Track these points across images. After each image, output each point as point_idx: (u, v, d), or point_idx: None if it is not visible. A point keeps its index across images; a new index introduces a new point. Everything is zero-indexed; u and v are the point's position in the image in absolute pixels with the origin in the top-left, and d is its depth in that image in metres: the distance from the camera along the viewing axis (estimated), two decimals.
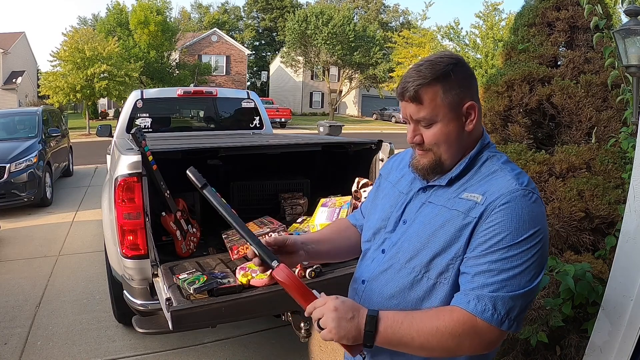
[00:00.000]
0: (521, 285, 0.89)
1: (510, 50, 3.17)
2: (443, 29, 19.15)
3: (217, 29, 34.30)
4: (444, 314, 0.91)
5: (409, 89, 0.96)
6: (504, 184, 0.94)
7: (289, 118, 23.94)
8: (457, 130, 0.98)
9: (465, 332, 0.89)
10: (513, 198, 0.91)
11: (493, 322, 0.88)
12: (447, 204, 0.99)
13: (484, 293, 0.89)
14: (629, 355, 1.56)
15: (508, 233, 0.89)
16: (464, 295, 0.91)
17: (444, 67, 0.96)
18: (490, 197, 0.93)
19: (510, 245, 0.89)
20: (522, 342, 2.03)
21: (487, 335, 0.90)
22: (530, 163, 2.50)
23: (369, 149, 2.97)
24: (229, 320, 2.11)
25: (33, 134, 7.18)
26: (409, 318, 0.92)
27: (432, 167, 1.01)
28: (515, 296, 0.88)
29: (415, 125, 1.00)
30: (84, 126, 20.47)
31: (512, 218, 0.90)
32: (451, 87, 0.96)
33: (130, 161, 2.24)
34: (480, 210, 0.92)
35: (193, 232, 2.67)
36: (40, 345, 2.87)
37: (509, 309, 0.88)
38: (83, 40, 18.82)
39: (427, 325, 0.90)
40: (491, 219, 0.91)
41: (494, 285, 0.89)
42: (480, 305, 0.88)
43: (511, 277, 0.89)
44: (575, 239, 2.29)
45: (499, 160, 1.01)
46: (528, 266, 0.89)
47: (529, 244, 0.89)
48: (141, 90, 4.73)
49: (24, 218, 6.00)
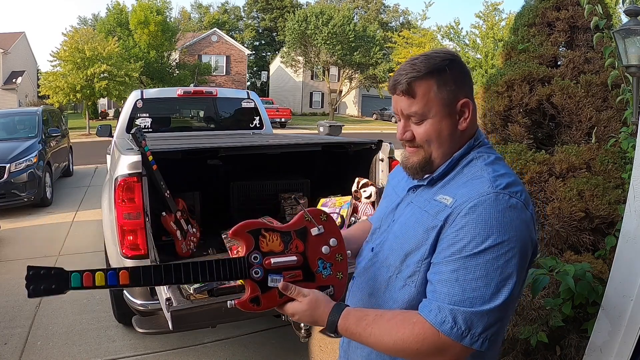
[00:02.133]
0: (485, 299, 0.81)
1: (510, 50, 3.17)
2: (443, 29, 19.18)
3: (217, 29, 34.29)
4: (407, 326, 0.86)
5: (402, 82, 0.92)
6: (477, 187, 0.87)
7: (289, 118, 23.94)
8: (449, 128, 0.94)
9: (429, 346, 0.84)
10: (481, 202, 0.84)
11: (452, 336, 0.81)
12: (421, 205, 0.97)
13: (444, 304, 0.83)
14: (629, 355, 1.56)
15: (470, 239, 0.82)
16: (427, 302, 0.87)
17: (439, 61, 0.92)
18: (459, 199, 0.87)
19: (474, 254, 0.82)
20: (522, 342, 2.03)
21: (448, 350, 0.83)
22: (530, 163, 2.50)
23: (369, 149, 2.97)
24: (229, 320, 2.11)
25: (33, 134, 7.18)
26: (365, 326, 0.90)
27: (421, 166, 0.97)
28: (478, 312, 0.81)
29: (406, 120, 0.96)
30: (84, 126, 20.47)
31: (477, 223, 0.82)
32: (446, 83, 0.92)
33: (130, 161, 2.24)
34: (446, 213, 0.87)
35: (193, 232, 2.67)
36: (40, 345, 2.87)
37: (470, 324, 0.81)
38: (83, 40, 18.82)
39: (382, 338, 0.88)
40: (455, 223, 0.85)
41: (455, 297, 0.82)
42: (440, 316, 0.82)
43: (473, 289, 0.81)
44: (575, 239, 2.29)
45: (484, 161, 0.94)
46: (492, 278, 0.81)
47: (495, 253, 0.81)
48: (141, 90, 4.74)
49: (24, 218, 6.00)
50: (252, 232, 0.95)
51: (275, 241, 0.96)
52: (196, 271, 0.93)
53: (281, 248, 0.96)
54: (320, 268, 0.97)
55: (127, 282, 0.90)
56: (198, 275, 0.93)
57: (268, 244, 0.96)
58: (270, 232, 0.96)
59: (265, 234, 0.96)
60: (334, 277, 0.98)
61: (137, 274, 0.90)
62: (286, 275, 0.95)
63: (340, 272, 0.99)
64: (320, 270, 0.97)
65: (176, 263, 0.93)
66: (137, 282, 0.91)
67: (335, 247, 0.99)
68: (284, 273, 0.95)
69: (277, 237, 0.96)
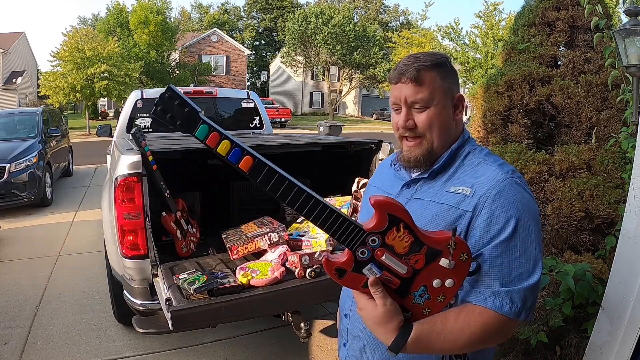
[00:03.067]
0: (529, 273, 0.90)
1: (510, 50, 3.17)
2: (443, 29, 19.14)
3: (217, 29, 34.29)
4: (473, 319, 0.89)
5: (410, 70, 0.97)
6: (490, 175, 0.95)
7: (289, 118, 23.94)
8: (448, 118, 1.01)
9: (494, 331, 0.90)
10: (502, 187, 0.92)
11: (512, 315, 0.89)
12: (434, 198, 0.99)
13: (498, 289, 0.89)
14: (629, 355, 1.56)
15: (504, 223, 0.90)
16: (478, 294, 0.91)
17: (440, 57, 1.01)
18: (480, 189, 0.94)
19: (509, 236, 0.90)
20: (522, 342, 2.03)
21: (507, 329, 0.92)
22: (530, 163, 2.50)
23: (369, 149, 2.97)
24: (229, 320, 2.11)
25: (33, 134, 7.18)
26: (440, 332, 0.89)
27: (424, 157, 1.01)
28: (528, 287, 0.89)
29: (408, 109, 1.00)
30: (84, 126, 20.47)
31: (505, 208, 0.90)
32: (446, 76, 1.00)
33: (130, 161, 2.24)
34: (472, 203, 0.93)
35: (193, 232, 2.67)
36: (40, 345, 2.87)
37: (524, 299, 0.89)
38: (83, 40, 18.82)
39: (459, 337, 0.89)
40: (485, 211, 0.91)
41: (505, 279, 0.89)
42: (499, 301, 0.89)
43: (518, 267, 0.89)
44: (575, 239, 2.29)
45: (480, 152, 1.03)
46: (530, 253, 0.90)
47: (525, 231, 0.90)
48: (141, 90, 4.73)
49: (24, 218, 5.99)
50: (391, 217, 0.86)
51: (404, 242, 0.87)
52: (315, 208, 0.86)
53: (403, 252, 0.87)
54: (417, 293, 0.89)
55: (246, 170, 0.86)
56: (313, 212, 0.86)
57: (395, 239, 0.87)
58: (407, 230, 0.86)
59: (402, 229, 0.86)
60: (420, 309, 0.91)
61: (259, 170, 0.86)
62: (384, 275, 0.88)
63: (429, 309, 0.90)
64: (416, 295, 0.90)
65: (302, 188, 0.86)
66: (254, 177, 0.86)
67: (446, 288, 0.88)
68: (384, 272, 0.88)
69: (409, 241, 0.87)
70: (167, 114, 0.84)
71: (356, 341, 1.11)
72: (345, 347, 1.16)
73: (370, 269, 0.88)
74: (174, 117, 0.84)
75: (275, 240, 2.38)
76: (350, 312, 1.13)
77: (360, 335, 1.09)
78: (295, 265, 2.21)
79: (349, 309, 1.14)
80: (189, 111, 0.85)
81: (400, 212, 0.86)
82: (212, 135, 0.85)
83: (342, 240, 0.87)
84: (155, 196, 2.49)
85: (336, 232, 0.87)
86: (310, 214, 0.87)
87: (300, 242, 2.49)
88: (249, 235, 2.43)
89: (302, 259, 2.20)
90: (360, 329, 1.09)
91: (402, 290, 0.90)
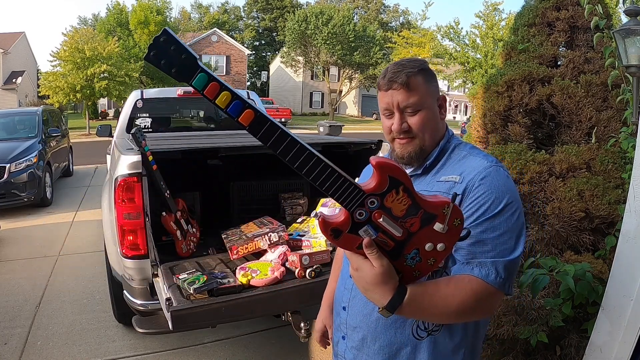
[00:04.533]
0: (512, 249, 0.97)
1: (510, 50, 3.17)
2: (443, 29, 19.14)
3: (217, 29, 34.28)
4: (462, 286, 0.94)
5: (401, 76, 1.04)
6: (477, 163, 1.04)
7: (289, 118, 23.94)
8: (436, 118, 1.09)
9: (482, 300, 0.95)
10: (488, 173, 1.00)
11: (496, 285, 0.95)
12: (426, 188, 1.06)
13: (483, 260, 0.96)
14: (629, 355, 1.56)
15: (491, 203, 0.97)
16: (465, 265, 0.97)
17: (421, 63, 1.08)
18: (467, 175, 1.02)
19: (495, 214, 0.97)
20: (522, 342, 2.03)
21: (493, 300, 0.97)
22: (530, 163, 2.49)
23: (369, 149, 2.97)
24: (229, 320, 2.11)
25: (33, 134, 7.18)
26: (432, 295, 0.93)
27: (417, 154, 1.08)
28: (510, 260, 0.96)
29: (401, 114, 1.06)
30: (84, 126, 20.47)
31: (491, 190, 0.98)
32: (430, 79, 1.08)
33: (130, 161, 2.24)
34: (461, 187, 1.01)
35: (193, 232, 2.67)
36: (40, 345, 2.87)
37: (507, 271, 0.96)
38: (83, 40, 18.83)
39: (450, 302, 0.93)
40: (473, 194, 0.99)
41: (490, 252, 0.96)
42: (485, 270, 0.95)
43: (502, 243, 0.97)
44: (575, 239, 2.29)
45: (465, 146, 1.12)
46: (513, 231, 0.98)
47: (510, 211, 0.98)
48: (141, 90, 4.74)
49: (24, 218, 6.00)
50: (392, 179, 0.85)
51: (402, 205, 0.86)
52: (316, 167, 0.85)
53: (400, 215, 0.86)
54: (410, 255, 0.90)
55: (246, 124, 0.82)
56: (314, 171, 0.85)
57: (394, 202, 0.86)
58: (406, 194, 0.86)
59: (401, 192, 0.85)
60: (411, 270, 0.91)
61: (259, 125, 0.82)
62: (380, 237, 0.88)
63: (419, 272, 0.92)
64: (407, 257, 0.90)
65: (305, 146, 0.84)
66: (254, 132, 0.82)
67: (437, 252, 0.90)
68: (379, 234, 0.88)
69: (406, 204, 0.86)
70: (161, 60, 0.77)
71: (356, 332, 1.12)
72: (343, 340, 1.17)
73: (366, 231, 0.88)
74: (170, 63, 0.77)
75: (275, 240, 2.38)
76: (349, 305, 1.14)
77: (360, 326, 1.11)
78: (295, 265, 2.21)
79: (347, 302, 1.15)
80: (186, 58, 0.78)
81: (401, 175, 0.86)
82: (212, 85, 0.79)
83: (341, 201, 0.87)
84: (155, 196, 2.49)
85: (336, 192, 0.86)
86: (310, 173, 0.85)
87: (300, 242, 2.49)
88: (249, 235, 2.43)
89: (302, 259, 2.20)
90: (360, 320, 1.11)
91: (395, 252, 0.90)
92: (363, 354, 1.11)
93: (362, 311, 1.10)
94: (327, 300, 1.39)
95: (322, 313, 1.39)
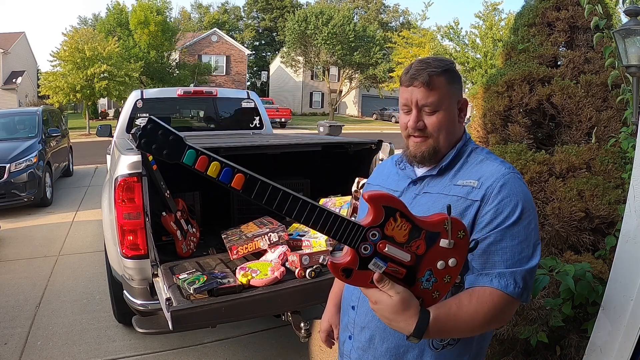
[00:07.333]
0: (529, 257, 0.97)
1: (510, 50, 3.17)
2: (443, 29, 19.14)
3: (217, 29, 34.27)
4: (484, 300, 0.93)
5: (422, 74, 1.03)
6: (495, 169, 1.03)
7: (289, 118, 23.94)
8: (454, 120, 1.08)
9: (502, 311, 0.95)
10: (507, 180, 1.00)
11: (515, 295, 0.94)
12: (443, 191, 1.06)
13: (502, 270, 0.95)
14: (629, 355, 1.56)
15: (510, 211, 0.97)
16: (484, 276, 0.97)
17: (448, 63, 1.07)
18: (486, 181, 1.01)
19: (513, 222, 0.97)
20: (522, 342, 2.03)
21: (510, 309, 0.98)
22: (530, 163, 2.49)
23: (369, 149, 2.97)
24: (229, 320, 2.11)
25: (33, 134, 7.18)
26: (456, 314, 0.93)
27: (430, 154, 1.08)
28: (528, 269, 0.96)
29: (419, 112, 1.06)
30: (84, 126, 20.47)
31: (510, 197, 0.98)
32: (453, 81, 1.07)
33: (130, 161, 2.24)
34: (480, 193, 1.00)
35: (193, 232, 2.67)
36: (40, 345, 2.87)
37: (525, 281, 0.96)
38: (83, 40, 18.82)
39: (475, 318, 0.93)
40: (492, 201, 0.99)
41: (509, 261, 0.96)
42: (504, 281, 0.95)
43: (520, 252, 0.96)
44: (575, 239, 2.29)
45: (482, 151, 1.11)
46: (530, 239, 0.98)
47: (527, 219, 0.98)
48: (141, 90, 4.73)
49: (24, 218, 6.00)
50: (387, 209, 0.87)
51: (403, 231, 0.88)
52: (312, 213, 0.87)
53: (404, 240, 0.88)
54: (424, 278, 0.91)
55: (239, 188, 0.85)
56: (311, 218, 0.87)
57: (394, 230, 0.88)
58: (404, 219, 0.88)
59: (398, 219, 0.87)
60: (429, 294, 0.91)
61: (252, 185, 0.85)
62: (390, 267, 0.89)
63: (438, 292, 0.92)
64: (423, 281, 0.91)
65: (297, 196, 0.87)
66: (248, 192, 0.85)
67: (450, 268, 0.90)
68: (389, 264, 0.89)
69: (407, 228, 0.88)
70: (152, 145, 0.83)
71: (363, 332, 1.12)
72: (350, 340, 1.16)
73: (375, 263, 0.89)
74: (160, 147, 0.83)
75: (275, 240, 2.38)
76: (358, 304, 1.14)
77: (368, 326, 1.11)
78: (295, 265, 2.21)
79: (356, 301, 1.15)
80: (174, 139, 0.83)
81: (394, 202, 0.88)
82: (201, 159, 0.84)
83: (343, 240, 0.88)
84: (155, 196, 2.49)
85: (337, 233, 0.88)
86: (308, 220, 0.88)
87: (300, 242, 2.49)
88: (249, 235, 2.43)
89: (302, 259, 2.20)
90: (369, 320, 1.10)
91: (409, 278, 0.91)
92: (369, 355, 1.11)
93: (371, 311, 1.10)
94: (334, 299, 1.37)
95: (328, 312, 1.38)
